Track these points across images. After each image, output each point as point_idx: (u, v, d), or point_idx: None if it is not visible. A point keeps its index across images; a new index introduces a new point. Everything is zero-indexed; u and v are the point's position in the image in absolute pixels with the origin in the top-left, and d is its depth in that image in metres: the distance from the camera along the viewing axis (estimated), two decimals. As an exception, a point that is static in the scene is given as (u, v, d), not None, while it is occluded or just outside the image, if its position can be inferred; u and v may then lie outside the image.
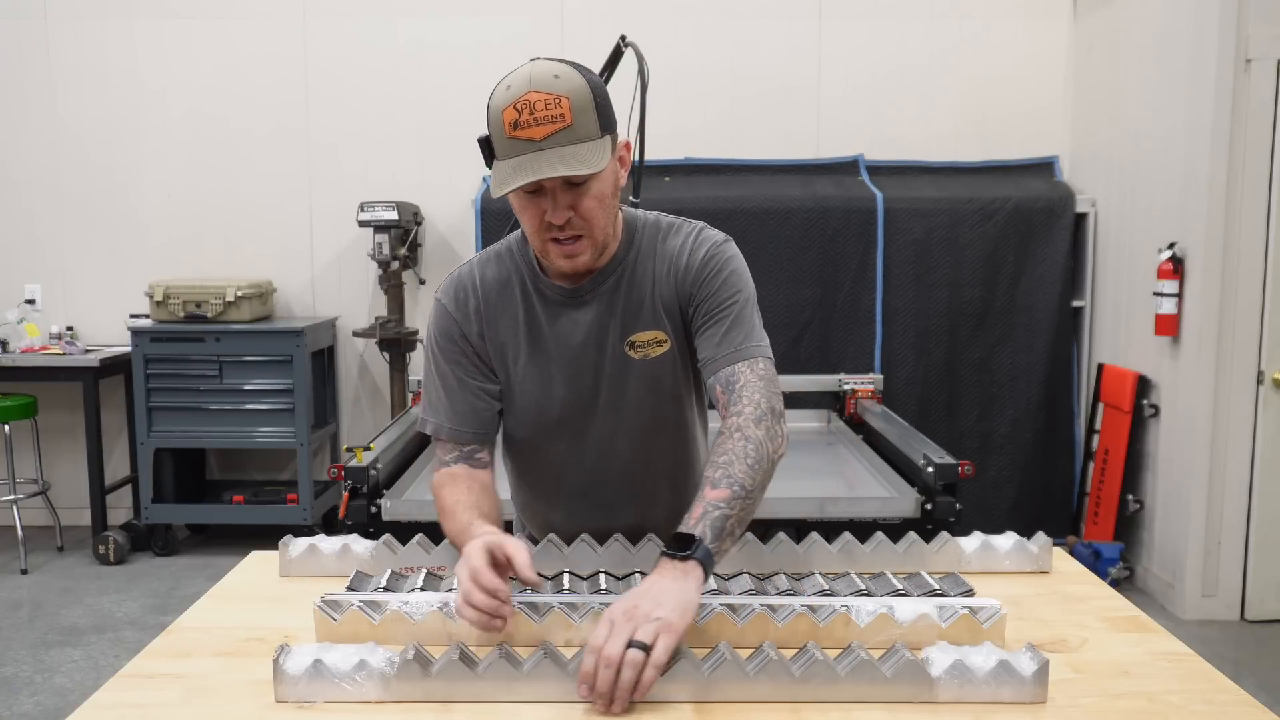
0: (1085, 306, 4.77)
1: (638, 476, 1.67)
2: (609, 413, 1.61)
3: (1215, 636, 3.83)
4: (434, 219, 5.10)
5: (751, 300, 1.57)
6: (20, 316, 4.91)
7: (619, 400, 1.60)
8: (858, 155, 5.00)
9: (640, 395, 1.60)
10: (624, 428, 1.62)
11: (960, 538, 1.68)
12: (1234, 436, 3.91)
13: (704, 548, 1.32)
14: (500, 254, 1.64)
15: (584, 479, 1.66)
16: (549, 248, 1.49)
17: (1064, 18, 5.00)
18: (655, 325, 1.57)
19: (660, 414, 1.62)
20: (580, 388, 1.60)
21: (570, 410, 1.61)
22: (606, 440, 1.63)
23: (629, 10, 4.88)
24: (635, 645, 1.20)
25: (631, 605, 1.25)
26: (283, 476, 5.23)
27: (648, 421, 1.61)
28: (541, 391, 1.61)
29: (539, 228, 1.47)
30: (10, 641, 3.81)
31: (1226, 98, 3.79)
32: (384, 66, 5.07)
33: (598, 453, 1.64)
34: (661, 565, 1.32)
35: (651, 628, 1.21)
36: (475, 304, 1.61)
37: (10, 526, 4.80)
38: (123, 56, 5.07)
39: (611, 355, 1.59)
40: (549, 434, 1.65)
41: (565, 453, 1.65)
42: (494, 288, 1.61)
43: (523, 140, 1.39)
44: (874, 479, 3.43)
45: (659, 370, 1.59)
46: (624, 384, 1.59)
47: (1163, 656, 1.36)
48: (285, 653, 1.24)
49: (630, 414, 1.61)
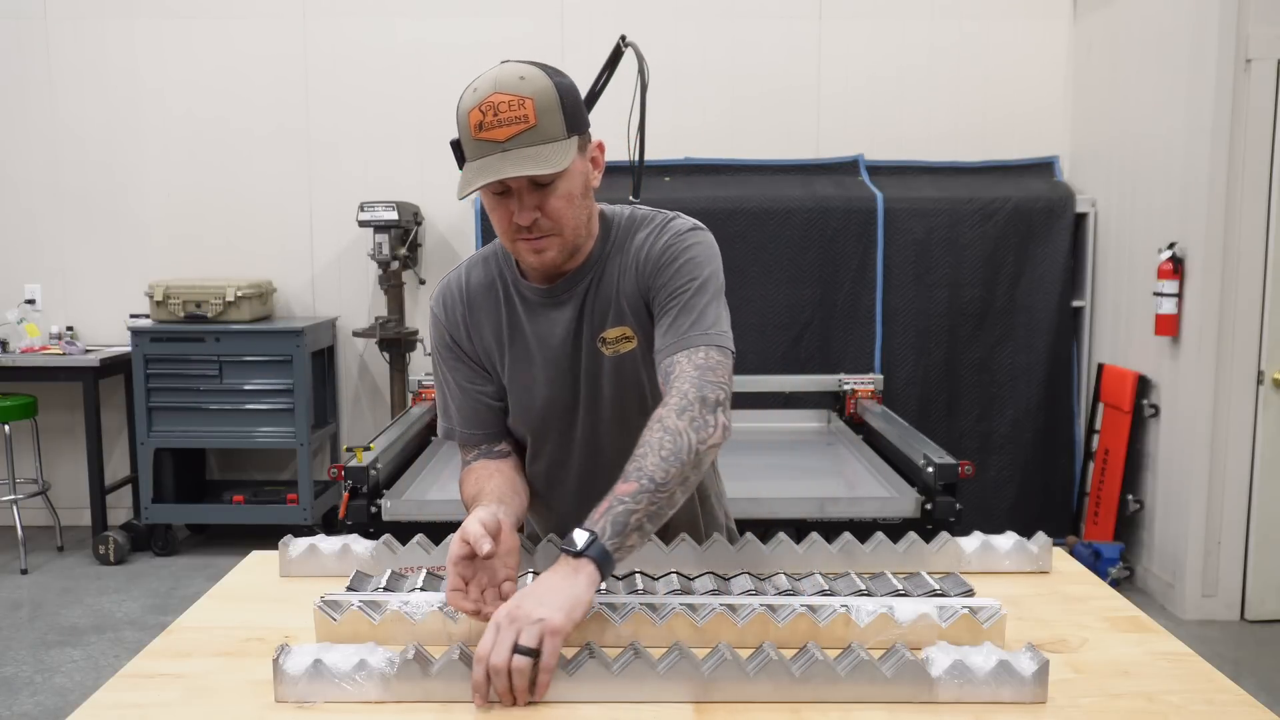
0: (1085, 306, 4.77)
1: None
2: (589, 409, 1.62)
3: (1215, 636, 3.83)
4: (434, 219, 5.10)
5: (708, 286, 1.52)
6: (20, 316, 4.91)
7: (597, 397, 1.61)
8: (858, 155, 5.00)
9: (615, 391, 1.60)
10: (604, 424, 1.63)
11: (960, 538, 1.68)
12: (1234, 436, 3.91)
13: (599, 545, 1.30)
14: (487, 257, 1.66)
15: (574, 475, 1.67)
16: (519, 246, 1.50)
17: (1064, 18, 5.00)
18: (622, 321, 1.57)
19: (638, 409, 1.60)
20: (561, 387, 1.61)
21: (554, 409, 1.63)
22: (590, 437, 1.64)
23: (629, 10, 4.88)
24: (521, 651, 1.20)
25: (515, 607, 1.24)
26: (283, 476, 5.23)
27: (626, 417, 1.61)
28: (526, 391, 1.63)
29: (508, 228, 1.48)
30: (10, 641, 3.81)
31: (1226, 98, 3.78)
32: (384, 66, 5.07)
33: (584, 450, 1.65)
34: (556, 562, 1.32)
35: (534, 630, 1.21)
36: (461, 310, 1.64)
37: (10, 526, 4.80)
38: (123, 56, 5.07)
39: (587, 353, 1.59)
40: (537, 433, 1.66)
41: (555, 450, 1.67)
42: (479, 292, 1.64)
43: (487, 141, 1.40)
44: (874, 479, 3.43)
45: (629, 366, 1.59)
46: (599, 381, 1.60)
47: (1163, 656, 1.36)
48: (285, 653, 1.24)
49: (608, 410, 1.62)
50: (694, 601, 1.40)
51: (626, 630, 1.36)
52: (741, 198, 4.65)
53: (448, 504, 3.07)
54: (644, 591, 1.45)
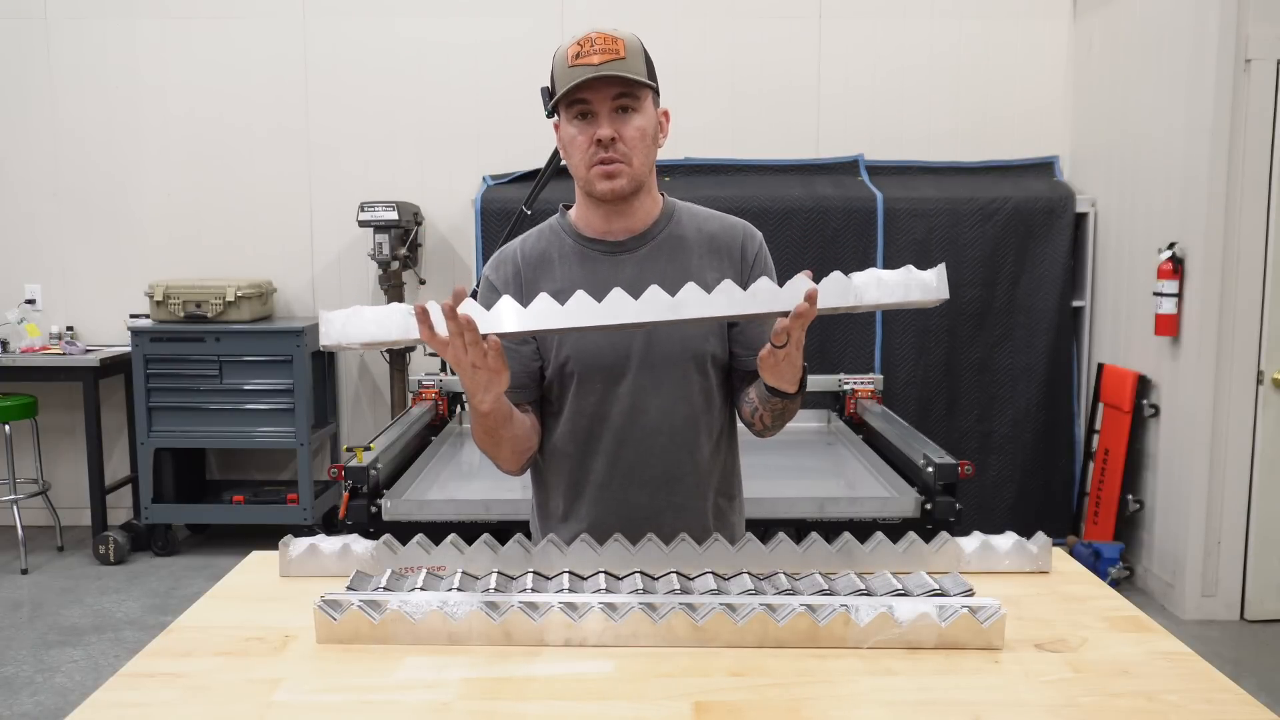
0: (1085, 306, 4.77)
1: (661, 437, 1.71)
2: (641, 368, 1.69)
3: (1215, 636, 3.83)
4: (434, 219, 5.10)
5: None
6: (20, 316, 4.91)
7: (650, 356, 1.68)
8: (858, 155, 5.00)
9: (673, 356, 1.69)
10: (651, 384, 1.69)
11: (960, 538, 1.68)
12: (1234, 436, 3.91)
13: None
14: (542, 230, 1.78)
15: (612, 432, 1.71)
16: (594, 172, 1.63)
17: (1064, 18, 5.01)
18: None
19: (691, 373, 1.70)
20: (615, 340, 1.68)
21: (604, 359, 1.69)
22: (635, 393, 1.69)
23: (629, 10, 4.88)
24: None
25: None
26: (283, 476, 5.23)
27: (674, 380, 1.69)
28: (579, 340, 1.69)
29: (585, 153, 1.62)
30: (10, 641, 3.82)
31: (1226, 98, 3.79)
32: (384, 67, 5.07)
33: (626, 405, 1.69)
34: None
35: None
36: (514, 268, 1.74)
37: (10, 526, 4.80)
38: (123, 56, 5.07)
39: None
40: (583, 385, 1.71)
41: (596, 405, 1.71)
42: (534, 253, 1.74)
43: (582, 66, 1.59)
44: (874, 479, 3.43)
45: (695, 336, 1.68)
46: (655, 341, 1.68)
47: (1162, 656, 1.36)
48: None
49: (662, 373, 1.69)
50: (694, 601, 1.40)
51: (626, 630, 1.36)
52: (741, 198, 4.65)
53: (448, 504, 3.07)
54: (644, 591, 1.45)
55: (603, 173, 1.62)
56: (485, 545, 1.58)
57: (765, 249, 1.77)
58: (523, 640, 1.36)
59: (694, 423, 1.73)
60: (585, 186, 1.67)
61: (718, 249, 1.73)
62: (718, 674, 1.29)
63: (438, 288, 5.13)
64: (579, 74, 1.58)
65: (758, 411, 1.69)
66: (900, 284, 1.44)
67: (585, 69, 1.58)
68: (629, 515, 1.70)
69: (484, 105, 5.02)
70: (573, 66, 1.59)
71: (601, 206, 1.69)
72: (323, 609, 1.39)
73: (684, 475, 1.73)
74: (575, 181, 1.69)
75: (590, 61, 1.59)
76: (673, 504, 1.73)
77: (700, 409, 1.73)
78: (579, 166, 1.65)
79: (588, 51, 1.59)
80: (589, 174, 1.63)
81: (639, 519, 1.69)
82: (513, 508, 2.95)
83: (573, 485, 1.76)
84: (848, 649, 1.35)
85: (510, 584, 1.48)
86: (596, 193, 1.65)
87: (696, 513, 1.75)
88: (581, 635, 1.36)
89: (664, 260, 1.70)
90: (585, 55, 1.59)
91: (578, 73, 1.59)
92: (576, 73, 1.59)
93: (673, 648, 1.35)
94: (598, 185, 1.64)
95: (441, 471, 3.54)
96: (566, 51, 1.61)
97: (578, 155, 1.64)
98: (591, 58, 1.59)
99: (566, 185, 4.80)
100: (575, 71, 1.59)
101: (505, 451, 1.69)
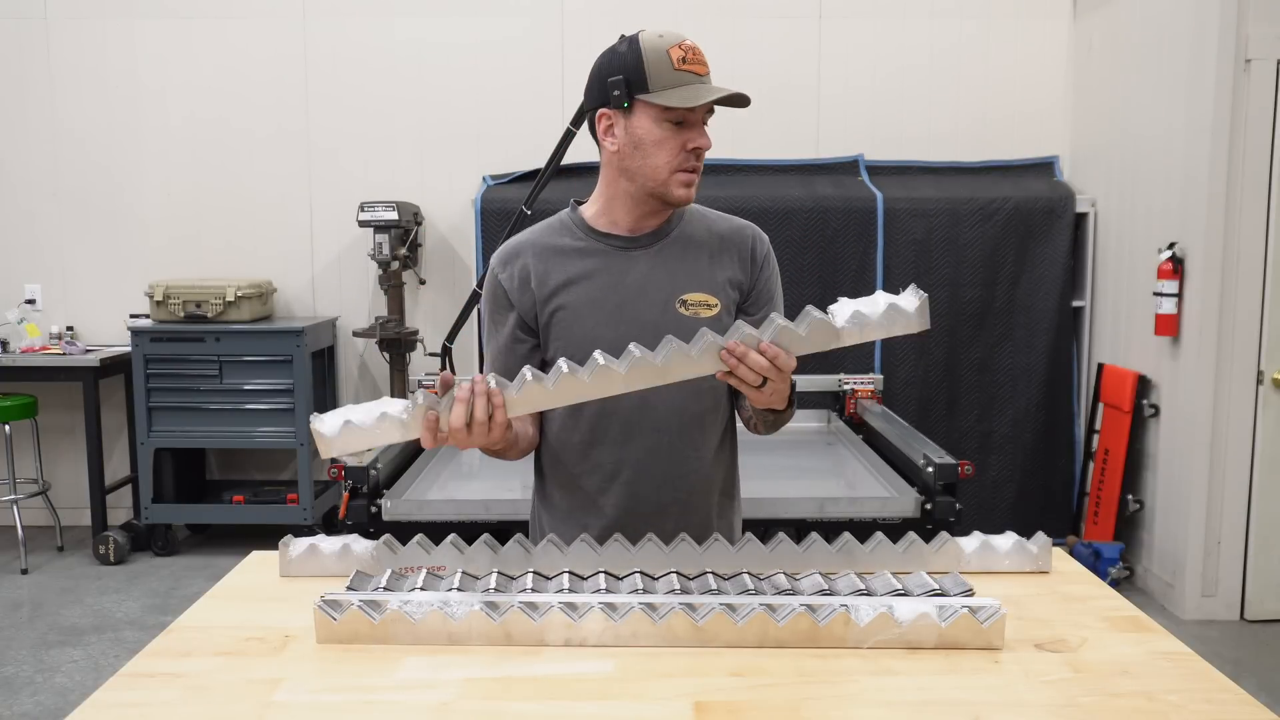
0: (1085, 306, 4.77)
1: (669, 434, 1.72)
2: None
3: (1215, 636, 3.83)
4: (434, 219, 5.10)
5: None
6: (20, 316, 4.91)
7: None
8: (858, 155, 5.00)
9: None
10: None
11: (960, 538, 1.68)
12: (1234, 436, 3.91)
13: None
14: (550, 224, 1.77)
15: (619, 425, 1.71)
16: (676, 178, 1.65)
17: (1064, 18, 5.01)
18: (709, 290, 1.71)
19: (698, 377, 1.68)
20: (623, 331, 1.66)
21: (612, 350, 1.66)
22: (647, 391, 1.66)
23: (629, 10, 4.88)
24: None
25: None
26: (283, 476, 5.23)
27: (686, 380, 1.66)
28: (587, 330, 1.69)
29: (673, 157, 1.63)
30: (10, 641, 3.82)
31: (1226, 98, 3.79)
32: (384, 67, 5.07)
33: (637, 402, 1.68)
34: None
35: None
36: (523, 261, 1.73)
37: (10, 526, 4.80)
38: (123, 57, 5.07)
39: (660, 307, 1.69)
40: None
41: (606, 398, 1.69)
42: (545, 245, 1.74)
43: (691, 72, 1.60)
44: (874, 479, 3.43)
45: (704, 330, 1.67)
46: (664, 334, 1.65)
47: (1162, 656, 1.36)
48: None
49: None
50: (694, 601, 1.40)
51: (626, 630, 1.36)
52: (741, 198, 4.65)
53: (448, 504, 3.07)
54: (644, 591, 1.45)
55: (686, 180, 1.65)
56: (485, 545, 1.58)
57: (772, 253, 1.79)
58: (523, 640, 1.36)
59: (701, 419, 1.74)
60: (658, 188, 1.66)
61: (727, 249, 1.74)
62: (718, 674, 1.29)
63: (438, 288, 5.13)
64: (690, 80, 1.59)
65: (753, 420, 1.73)
66: (882, 325, 1.47)
67: (694, 76, 1.60)
68: (635, 509, 1.71)
69: (484, 105, 5.02)
70: (680, 70, 1.59)
71: (644, 205, 1.69)
72: (323, 609, 1.39)
73: (690, 471, 1.74)
74: (624, 176, 1.67)
75: (697, 70, 1.60)
76: (678, 500, 1.73)
77: (708, 406, 1.74)
78: (659, 168, 1.64)
79: (692, 59, 1.60)
80: (670, 177, 1.64)
81: (645, 513, 1.70)
82: (513, 508, 2.96)
83: (578, 478, 1.75)
84: (848, 649, 1.35)
85: (510, 584, 1.48)
86: (672, 197, 1.66)
87: (700, 509, 1.75)
88: (581, 635, 1.36)
89: (675, 258, 1.71)
90: (692, 62, 1.60)
91: (686, 78, 1.59)
92: (685, 77, 1.59)
93: (673, 648, 1.35)
94: (676, 191, 1.65)
95: (441, 471, 3.54)
96: (667, 51, 1.59)
97: (662, 157, 1.63)
98: (696, 66, 1.60)
99: (567, 185, 4.81)
100: (683, 75, 1.59)
101: (510, 455, 1.72)
